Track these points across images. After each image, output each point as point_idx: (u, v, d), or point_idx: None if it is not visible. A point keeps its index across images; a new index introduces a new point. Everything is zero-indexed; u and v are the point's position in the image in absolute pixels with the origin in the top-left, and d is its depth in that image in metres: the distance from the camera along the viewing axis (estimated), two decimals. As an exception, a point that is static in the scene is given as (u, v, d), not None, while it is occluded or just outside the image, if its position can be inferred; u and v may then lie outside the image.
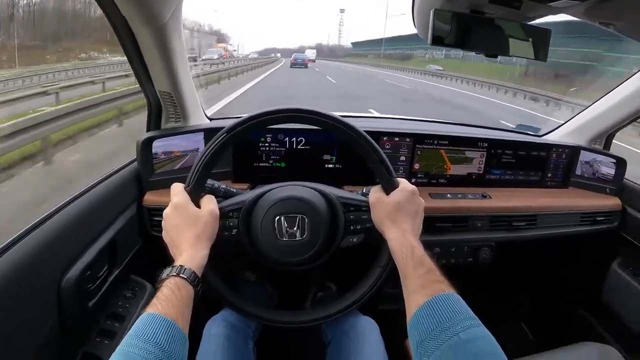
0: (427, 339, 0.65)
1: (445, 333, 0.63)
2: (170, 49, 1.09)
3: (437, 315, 0.66)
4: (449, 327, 0.64)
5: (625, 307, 1.54)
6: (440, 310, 0.67)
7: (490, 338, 0.64)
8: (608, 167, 1.59)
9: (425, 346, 0.64)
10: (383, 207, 0.89)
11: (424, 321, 0.67)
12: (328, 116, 0.90)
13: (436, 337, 0.64)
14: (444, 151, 1.45)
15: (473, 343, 0.62)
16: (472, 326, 0.65)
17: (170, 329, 0.65)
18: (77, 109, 6.16)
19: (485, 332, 0.65)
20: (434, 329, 0.65)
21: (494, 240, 1.41)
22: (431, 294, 0.71)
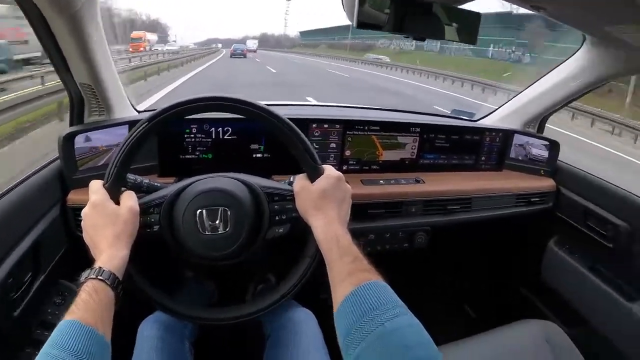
0: (353, 329, 0.62)
1: (371, 323, 0.61)
2: (87, 38, 1.03)
3: (363, 305, 0.64)
4: (375, 316, 0.62)
5: (563, 283, 1.59)
6: (366, 299, 0.65)
7: (418, 327, 0.62)
8: (542, 149, 1.64)
9: (352, 338, 0.62)
10: (307, 195, 0.87)
11: (349, 312, 0.65)
12: (250, 104, 0.86)
13: (361, 328, 0.61)
14: (376, 137, 1.44)
15: (398, 332, 0.60)
16: (398, 315, 0.63)
17: (88, 335, 0.62)
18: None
19: (412, 320, 0.63)
20: (359, 320, 0.62)
21: (429, 224, 1.41)
22: (357, 283, 0.68)
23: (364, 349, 0.60)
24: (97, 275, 0.71)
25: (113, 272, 0.73)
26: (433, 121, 1.59)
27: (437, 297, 1.83)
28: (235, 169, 0.99)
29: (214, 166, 1.04)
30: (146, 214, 0.87)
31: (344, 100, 6.28)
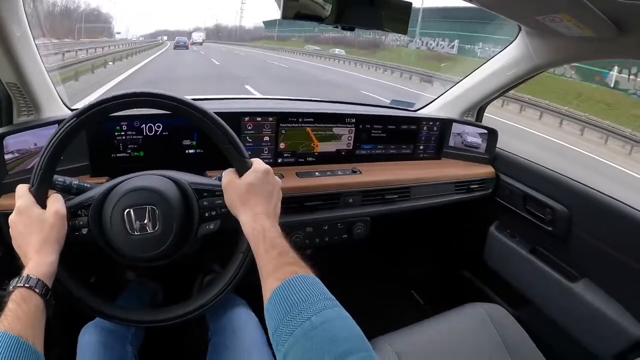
0: (280, 326, 0.60)
1: (297, 318, 0.59)
2: (9, 35, 0.97)
3: (289, 300, 0.62)
4: (301, 311, 0.60)
5: (505, 266, 1.63)
6: (292, 293, 0.63)
7: (346, 319, 0.61)
8: (480, 137, 1.68)
9: (279, 334, 0.59)
10: (235, 189, 0.85)
11: (276, 307, 0.63)
12: (174, 98, 0.84)
13: (288, 324, 0.59)
14: (310, 129, 1.43)
15: (325, 326, 0.58)
16: (325, 308, 0.60)
17: (17, 346, 0.60)
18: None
19: (340, 312, 0.61)
20: (286, 315, 0.60)
21: (367, 214, 1.41)
22: (283, 277, 0.66)
23: (291, 345, 0.58)
24: (25, 283, 0.69)
25: (41, 279, 0.71)
26: (369, 111, 1.60)
27: (385, 286, 1.84)
28: (168, 166, 0.97)
29: (147, 164, 1.01)
30: (74, 216, 0.84)
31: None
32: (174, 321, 0.93)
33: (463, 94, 1.71)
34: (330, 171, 1.41)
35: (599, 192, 1.32)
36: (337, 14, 0.98)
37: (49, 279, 0.73)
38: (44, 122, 1.19)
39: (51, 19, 16.42)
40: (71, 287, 0.86)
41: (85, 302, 0.88)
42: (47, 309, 0.71)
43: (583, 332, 1.33)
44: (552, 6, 0.96)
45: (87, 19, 63.59)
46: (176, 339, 1.48)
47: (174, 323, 0.94)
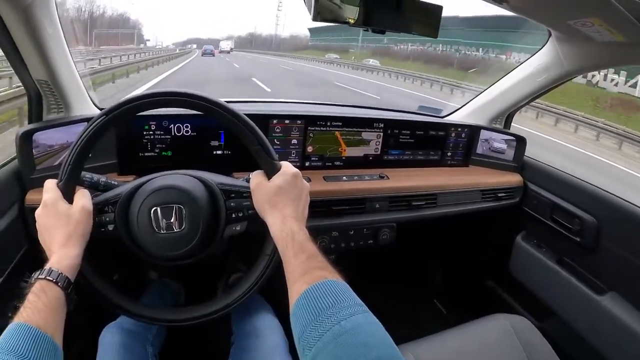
0: (308, 329, 0.59)
1: (327, 322, 0.58)
2: (41, 32, 1.00)
3: (318, 304, 0.62)
4: (331, 315, 0.59)
5: (531, 277, 1.60)
6: (321, 298, 0.62)
7: (376, 325, 0.60)
8: (509, 145, 1.65)
9: (307, 338, 0.59)
10: (263, 191, 0.85)
11: (304, 311, 0.62)
12: (205, 99, 0.85)
13: (317, 327, 0.59)
14: (339, 133, 1.43)
15: (355, 331, 0.57)
16: (355, 313, 0.60)
17: (35, 337, 0.60)
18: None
19: (370, 318, 0.61)
20: (315, 319, 0.60)
21: (394, 220, 1.40)
22: (312, 281, 0.66)
23: (320, 350, 0.57)
24: (46, 275, 0.69)
25: (63, 273, 0.71)
26: (397, 117, 1.59)
27: (407, 293, 1.83)
28: (196, 166, 0.97)
29: (174, 163, 1.02)
30: (101, 213, 0.85)
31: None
32: (198, 320, 0.94)
33: (492, 101, 1.69)
34: (357, 176, 1.40)
35: (629, 202, 1.28)
36: (366, 17, 0.97)
37: (72, 272, 0.74)
38: (72, 119, 1.22)
39: (79, 25, 16.83)
40: (95, 283, 0.86)
41: (109, 299, 0.89)
42: (68, 303, 0.71)
43: (609, 347, 1.30)
44: (584, 10, 0.94)
45: (111, 24, 64.63)
46: (197, 341, 1.49)
47: (198, 323, 0.94)
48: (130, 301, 0.93)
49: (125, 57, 21.36)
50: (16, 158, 1.14)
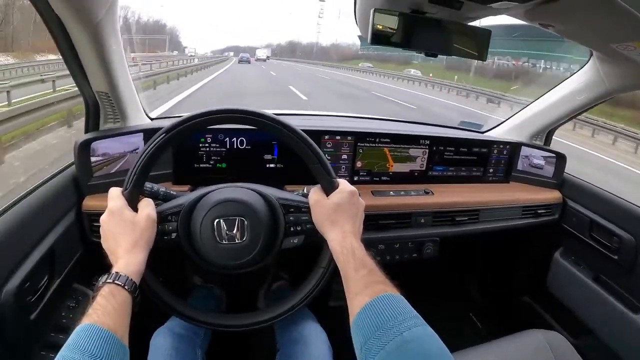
0: (371, 339, 0.64)
1: (389, 333, 0.63)
2: (106, 48, 1.07)
3: (380, 316, 0.66)
4: (393, 326, 0.64)
5: (568, 294, 1.61)
6: (383, 310, 0.67)
7: (435, 337, 0.64)
8: (548, 162, 1.66)
9: (369, 347, 0.64)
10: (323, 208, 0.89)
11: (367, 322, 0.67)
12: (267, 117, 0.89)
13: (380, 338, 0.63)
14: (388, 149, 1.47)
15: (417, 342, 0.63)
16: (415, 325, 0.65)
17: (106, 338, 0.63)
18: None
19: (429, 330, 0.65)
20: (377, 330, 0.65)
21: (437, 235, 1.43)
22: (373, 294, 0.71)
23: (383, 358, 0.62)
24: (114, 279, 0.73)
25: (130, 277, 0.75)
26: (442, 133, 1.61)
27: (444, 306, 1.84)
28: (249, 178, 1.01)
29: (228, 176, 1.06)
30: (164, 221, 0.89)
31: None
32: (249, 328, 0.98)
33: (532, 117, 1.69)
34: (403, 191, 1.44)
35: None
36: (419, 42, 1.02)
37: (137, 277, 0.77)
38: (129, 130, 1.28)
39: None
40: (155, 287, 0.91)
41: (166, 301, 0.93)
42: (133, 306, 0.74)
43: None
44: (627, 35, 0.95)
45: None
46: (241, 347, 1.53)
47: (248, 330, 0.98)
48: (186, 305, 0.97)
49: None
50: (73, 165, 1.20)
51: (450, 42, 1.05)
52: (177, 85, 15.07)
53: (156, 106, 8.81)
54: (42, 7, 0.92)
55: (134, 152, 1.28)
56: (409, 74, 33.50)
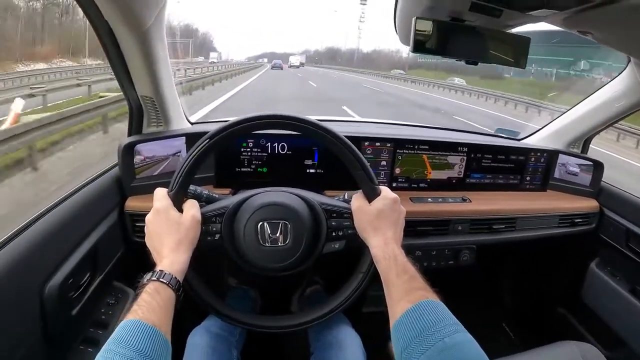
0: (412, 344, 0.66)
1: (430, 338, 0.64)
2: (153, 54, 1.09)
3: (422, 322, 0.68)
4: (434, 332, 0.65)
5: (603, 305, 1.58)
6: (424, 316, 0.68)
7: (475, 343, 0.65)
8: (586, 170, 1.64)
9: (410, 352, 0.65)
10: (365, 215, 0.90)
11: (408, 327, 0.69)
12: (311, 123, 0.90)
13: (421, 343, 0.65)
14: (426, 156, 1.47)
15: (458, 348, 0.64)
16: (456, 331, 0.66)
17: (151, 334, 0.65)
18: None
19: (469, 337, 0.66)
20: (419, 335, 0.66)
21: (474, 242, 1.43)
22: (415, 300, 0.72)
23: None
24: (159, 277, 0.74)
25: (174, 276, 0.76)
26: (479, 141, 1.60)
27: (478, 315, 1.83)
28: (289, 183, 1.02)
29: (269, 180, 1.08)
30: (208, 222, 0.91)
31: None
32: (289, 329, 0.99)
33: (569, 125, 1.67)
34: (441, 198, 1.44)
35: None
36: (460, 50, 1.03)
37: (181, 276, 0.79)
38: (172, 133, 1.31)
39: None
40: (198, 286, 0.93)
41: (206, 301, 0.95)
42: (176, 303, 0.76)
43: None
44: None
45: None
46: (275, 349, 1.55)
47: (286, 332, 1.00)
48: (225, 305, 0.99)
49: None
50: (116, 166, 1.24)
51: (490, 50, 1.05)
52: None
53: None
54: (92, 14, 0.95)
55: (176, 155, 1.31)
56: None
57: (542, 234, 1.52)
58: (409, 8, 1.07)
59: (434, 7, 0.98)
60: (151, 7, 0.97)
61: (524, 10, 0.92)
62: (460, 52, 1.05)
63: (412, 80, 35.78)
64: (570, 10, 0.87)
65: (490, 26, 1.03)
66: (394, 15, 1.15)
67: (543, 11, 0.89)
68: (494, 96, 22.52)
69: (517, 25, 1.10)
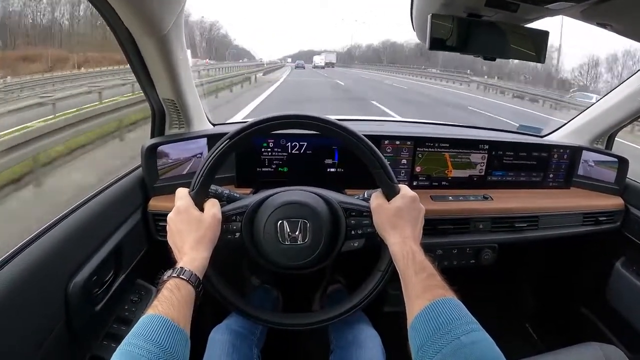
0: (428, 342, 0.65)
1: (446, 337, 0.64)
2: (173, 58, 1.11)
3: (438, 319, 0.67)
4: (450, 330, 0.65)
5: (628, 306, 1.54)
6: (441, 314, 0.68)
7: (491, 342, 0.65)
8: (610, 166, 1.59)
9: (426, 350, 0.65)
10: (384, 213, 0.90)
11: (424, 325, 0.68)
12: (330, 122, 0.91)
13: (437, 341, 0.64)
14: (448, 155, 1.46)
15: (474, 346, 0.63)
16: (472, 330, 0.66)
17: (170, 328, 0.66)
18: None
19: (485, 335, 0.66)
20: (435, 333, 0.66)
21: (496, 241, 1.41)
22: (432, 298, 0.72)
23: None
24: (180, 274, 0.76)
25: (194, 272, 0.78)
26: (501, 138, 1.58)
27: (499, 315, 1.81)
28: (310, 182, 1.03)
29: (289, 179, 1.09)
30: (228, 221, 0.93)
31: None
32: (310, 327, 1.00)
33: (593, 120, 1.63)
34: (462, 196, 1.43)
35: None
36: (477, 46, 1.02)
37: (201, 273, 0.80)
38: (193, 135, 1.33)
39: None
40: (217, 283, 0.95)
41: (227, 298, 0.97)
42: (196, 300, 0.77)
43: None
44: None
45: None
46: (295, 347, 1.56)
47: (308, 329, 1.01)
48: (246, 302, 1.01)
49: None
50: (139, 168, 1.26)
51: (508, 45, 1.03)
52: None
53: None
54: (113, 21, 0.97)
55: (198, 156, 1.33)
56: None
57: (565, 232, 1.49)
58: (425, 5, 1.06)
59: (450, 3, 0.97)
60: (170, 12, 0.99)
61: (541, 4, 0.90)
62: (478, 48, 1.03)
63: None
64: (588, 2, 0.85)
65: (507, 21, 1.01)
66: (410, 12, 1.14)
67: (560, 4, 0.87)
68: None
69: (534, 20, 1.07)
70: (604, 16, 0.94)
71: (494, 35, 1.02)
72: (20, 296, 0.77)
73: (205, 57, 36.90)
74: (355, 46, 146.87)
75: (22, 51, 28.23)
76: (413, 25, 1.18)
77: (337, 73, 43.53)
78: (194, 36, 32.21)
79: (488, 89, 24.73)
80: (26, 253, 0.82)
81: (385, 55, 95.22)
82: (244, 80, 19.41)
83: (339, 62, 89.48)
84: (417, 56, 76.02)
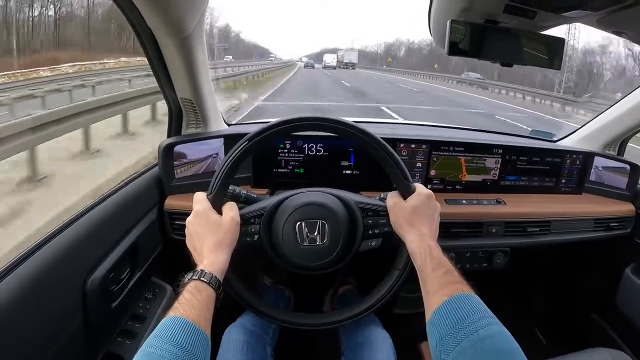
0: (447, 336, 0.67)
1: (464, 330, 0.66)
2: (194, 59, 1.13)
3: (456, 314, 0.69)
4: (468, 324, 0.66)
5: (638, 312, 1.54)
6: (459, 309, 0.70)
7: (509, 335, 0.66)
8: (622, 173, 1.60)
9: (445, 344, 0.66)
10: (401, 211, 0.92)
11: (443, 320, 0.70)
12: (347, 124, 0.92)
13: (455, 335, 0.66)
14: (463, 159, 1.47)
15: (492, 339, 0.64)
16: (491, 324, 0.67)
17: (191, 330, 0.67)
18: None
19: (503, 329, 0.67)
20: (453, 327, 0.67)
21: (508, 245, 1.42)
22: (450, 293, 0.73)
23: (458, 354, 0.64)
24: (200, 277, 0.77)
25: (214, 275, 0.79)
26: (515, 142, 1.59)
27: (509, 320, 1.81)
28: (326, 184, 1.04)
29: (305, 181, 1.11)
30: (247, 224, 0.94)
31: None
32: (326, 327, 1.01)
33: (606, 126, 1.63)
34: (476, 200, 1.44)
35: None
36: (494, 52, 1.04)
37: (221, 275, 0.81)
38: (210, 135, 1.34)
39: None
40: (235, 284, 0.95)
41: (244, 298, 0.98)
42: (216, 302, 0.78)
43: None
44: None
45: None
46: (307, 347, 1.57)
47: (322, 329, 1.01)
48: (263, 303, 1.01)
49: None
50: (156, 166, 1.28)
51: (525, 51, 1.05)
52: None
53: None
54: (136, 21, 0.98)
55: (214, 156, 1.34)
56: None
57: (576, 237, 1.49)
58: (444, 10, 1.07)
59: (468, 9, 0.98)
60: (192, 14, 1.00)
61: (558, 12, 0.92)
62: (495, 54, 1.05)
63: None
64: (604, 10, 0.87)
65: (525, 27, 1.03)
66: (428, 17, 1.15)
67: (577, 12, 0.89)
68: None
69: (551, 27, 1.09)
70: (620, 24, 0.95)
71: (511, 41, 1.04)
72: (39, 291, 0.79)
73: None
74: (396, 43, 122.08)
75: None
76: (430, 29, 1.19)
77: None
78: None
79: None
80: (45, 249, 0.83)
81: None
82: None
83: (363, 62, 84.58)
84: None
